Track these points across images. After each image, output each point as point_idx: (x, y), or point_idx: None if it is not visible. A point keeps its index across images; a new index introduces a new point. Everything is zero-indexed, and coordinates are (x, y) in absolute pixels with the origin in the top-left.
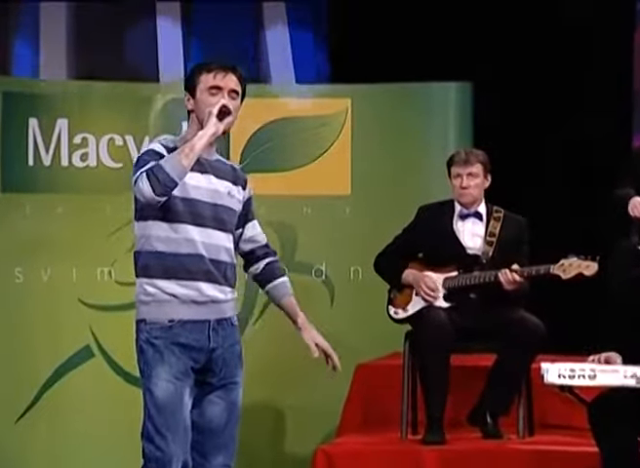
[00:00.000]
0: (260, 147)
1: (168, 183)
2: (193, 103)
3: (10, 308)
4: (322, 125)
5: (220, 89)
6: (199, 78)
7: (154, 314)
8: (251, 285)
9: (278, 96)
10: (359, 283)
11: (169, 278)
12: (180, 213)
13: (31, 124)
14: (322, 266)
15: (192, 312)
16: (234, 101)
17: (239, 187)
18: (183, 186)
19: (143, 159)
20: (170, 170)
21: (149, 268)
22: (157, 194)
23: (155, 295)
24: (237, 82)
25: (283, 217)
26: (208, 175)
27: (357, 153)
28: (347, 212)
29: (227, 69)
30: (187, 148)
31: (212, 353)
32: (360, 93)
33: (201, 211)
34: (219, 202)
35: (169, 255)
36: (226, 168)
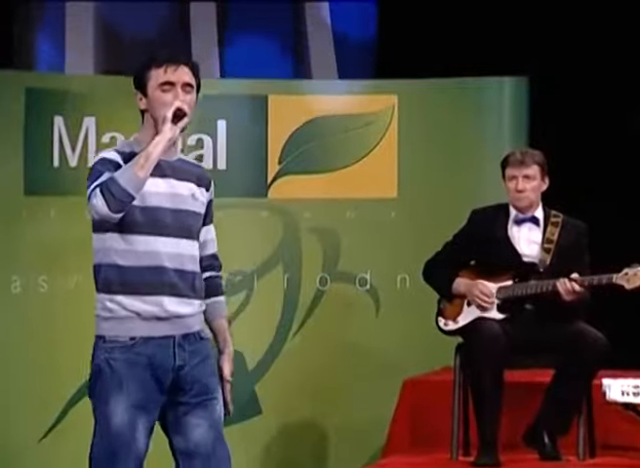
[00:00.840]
0: (301, 147)
1: (124, 198)
2: (146, 102)
3: (33, 319)
4: (367, 123)
5: (173, 84)
6: (149, 74)
7: (114, 331)
8: (290, 294)
9: (320, 92)
10: (406, 292)
11: (129, 293)
12: (138, 223)
13: (57, 122)
14: (366, 275)
15: (155, 328)
16: (189, 96)
17: (202, 189)
18: (142, 194)
19: (96, 170)
20: (125, 183)
21: (109, 283)
22: (112, 210)
23: (115, 311)
24: (191, 74)
25: (325, 222)
26: (168, 179)
27: (404, 153)
28: (394, 216)
29: (178, 62)
30: (142, 158)
31: (179, 371)
32: (407, 89)
33: (162, 218)
34: (181, 207)
35: (129, 269)
36: (189, 168)
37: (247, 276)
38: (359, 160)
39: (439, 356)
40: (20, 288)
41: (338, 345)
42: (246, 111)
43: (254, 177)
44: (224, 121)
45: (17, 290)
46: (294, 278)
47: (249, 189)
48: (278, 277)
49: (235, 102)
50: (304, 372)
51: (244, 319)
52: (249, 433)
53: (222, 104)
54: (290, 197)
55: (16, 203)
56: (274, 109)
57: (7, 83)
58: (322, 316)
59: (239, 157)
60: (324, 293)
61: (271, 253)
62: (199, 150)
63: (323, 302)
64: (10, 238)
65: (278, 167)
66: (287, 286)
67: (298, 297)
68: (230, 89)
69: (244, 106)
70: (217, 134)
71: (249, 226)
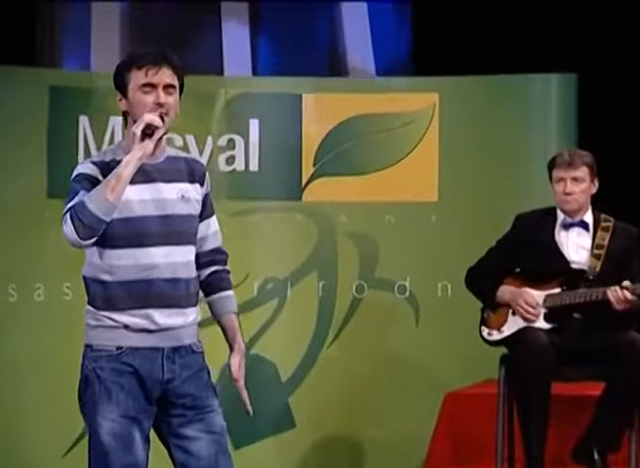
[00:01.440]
0: (337, 148)
1: (93, 224)
2: (126, 104)
3: (58, 329)
4: (406, 123)
5: (154, 86)
6: (129, 75)
7: (101, 339)
8: (325, 302)
9: (356, 90)
10: (448, 300)
11: (116, 309)
12: (123, 237)
13: (82, 122)
14: (406, 282)
15: (142, 340)
16: (171, 97)
17: (196, 185)
18: (125, 204)
19: (72, 187)
20: (94, 208)
21: (95, 298)
22: (82, 237)
23: (102, 321)
24: (172, 75)
25: (362, 227)
26: (154, 184)
27: (445, 154)
28: (434, 220)
29: (160, 63)
30: (113, 179)
31: (167, 384)
32: (449, 86)
33: (149, 228)
34: (169, 212)
35: (114, 285)
36: (178, 165)
37: (280, 283)
38: (398, 161)
39: (482, 368)
40: (43, 295)
41: (375, 356)
42: (279, 110)
43: (287, 180)
44: (257, 120)
45: (40, 297)
46: (329, 285)
47: (282, 192)
48: (313, 284)
49: (268, 101)
50: (340, 384)
51: (276, 328)
52: (282, 447)
53: (255, 103)
54: (325, 200)
55: (39, 206)
56: (309, 108)
57: (30, 81)
58: (359, 325)
59: (272, 158)
60: (361, 302)
61: (305, 258)
62: (230, 151)
63: (360, 311)
64: (33, 243)
65: (313, 168)
66: (322, 293)
67: (333, 306)
68: (263, 87)
69: (277, 105)
70: (249, 134)
71: (282, 230)
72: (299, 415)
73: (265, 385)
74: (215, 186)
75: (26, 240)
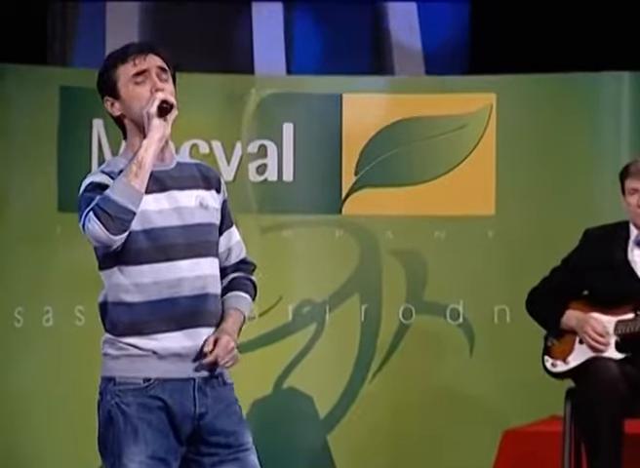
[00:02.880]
0: (381, 156)
1: (123, 215)
2: (120, 105)
3: (69, 358)
4: (459, 127)
5: (146, 72)
6: (116, 73)
7: (126, 371)
8: (368, 328)
9: (404, 90)
10: (506, 327)
11: (142, 334)
12: (144, 251)
13: (96, 126)
14: (459, 306)
15: (173, 368)
16: (167, 84)
17: (212, 191)
18: (143, 215)
19: (85, 197)
20: (119, 198)
21: (118, 324)
22: (113, 232)
23: (126, 350)
24: (162, 61)
25: (409, 244)
26: (170, 192)
27: (503, 162)
28: (491, 236)
29: (145, 50)
30: (134, 165)
31: (200, 419)
32: (508, 86)
33: (171, 240)
34: (190, 221)
35: (140, 306)
36: (191, 171)
37: (317, 307)
38: (450, 170)
39: (545, 403)
40: (52, 320)
41: (425, 389)
42: (317, 113)
43: (325, 191)
44: (291, 124)
45: (49, 322)
46: (372, 309)
47: (320, 205)
48: (354, 308)
49: (304, 102)
50: (385, 421)
51: (313, 357)
52: None
53: (289, 105)
54: (368, 214)
55: (48, 221)
56: (350, 110)
57: (39, 81)
58: (406, 354)
59: (308, 167)
60: (408, 328)
61: (346, 279)
62: (262, 159)
63: (407, 338)
64: (42, 262)
65: (354, 178)
66: (364, 318)
67: (377, 332)
68: (298, 86)
69: (314, 107)
70: (282, 139)
71: (319, 248)
72: (338, 456)
73: (301, 422)
74: (244, 199)
75: (34, 258)
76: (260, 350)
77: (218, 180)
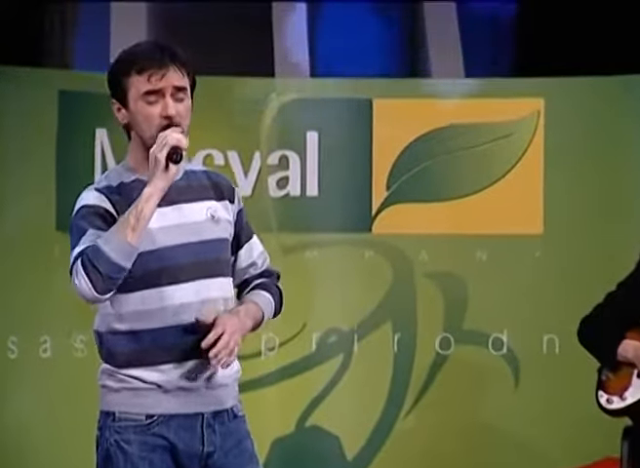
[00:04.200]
0: (416, 168)
1: (114, 274)
2: (127, 115)
3: (68, 392)
4: (503, 135)
5: (160, 93)
6: (128, 81)
7: (126, 406)
8: (401, 360)
9: (441, 95)
10: (555, 358)
11: (145, 365)
12: (145, 275)
13: (99, 136)
14: (502, 335)
15: (180, 403)
16: (181, 104)
17: (225, 201)
18: (146, 234)
19: (77, 227)
20: (113, 255)
21: (117, 355)
22: (100, 291)
23: (127, 382)
24: (181, 75)
25: (447, 266)
26: (177, 206)
27: (553, 174)
28: (538, 257)
29: (166, 65)
30: (132, 217)
31: (207, 459)
32: (557, 89)
33: (175, 261)
34: (198, 238)
35: (141, 335)
36: (200, 180)
37: (344, 336)
38: (493, 184)
39: (600, 443)
40: (50, 351)
41: (464, 427)
42: (344, 120)
43: (354, 207)
44: (316, 133)
45: (47, 353)
46: (406, 339)
47: (347, 222)
48: (385, 337)
49: (330, 108)
50: (420, 463)
51: (340, 392)
52: None
53: (313, 111)
54: (401, 232)
55: (46, 241)
56: (381, 117)
57: (36, 85)
58: (443, 389)
59: (335, 180)
60: (446, 360)
61: (376, 305)
62: (283, 171)
63: (445, 371)
64: (38, 286)
65: (386, 193)
66: (397, 349)
67: (411, 365)
68: (324, 91)
69: (341, 113)
70: (306, 150)
71: (347, 270)
72: None
73: (326, 464)
74: (263, 216)
75: (30, 282)
76: (280, 384)
77: (231, 189)
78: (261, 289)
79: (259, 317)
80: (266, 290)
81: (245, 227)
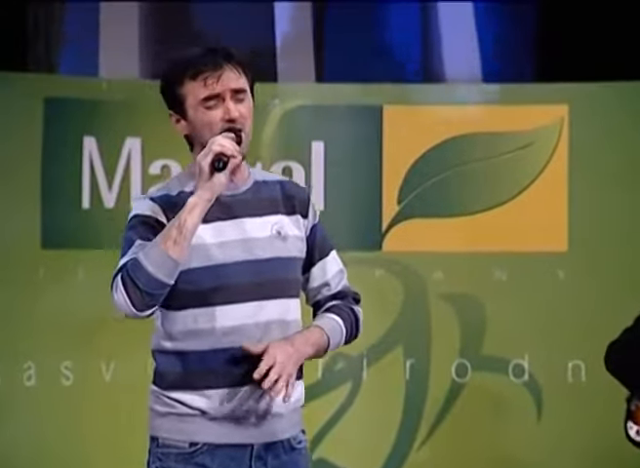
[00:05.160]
0: (429, 180)
1: (152, 290)
2: (187, 126)
3: (53, 422)
4: (524, 145)
5: (219, 96)
6: (183, 90)
7: (170, 432)
8: (414, 388)
9: (457, 101)
10: (581, 386)
11: (193, 388)
12: (199, 291)
13: (87, 145)
14: (523, 361)
15: (226, 432)
16: (242, 105)
17: (296, 216)
18: (200, 249)
19: (127, 238)
20: (153, 269)
21: (165, 376)
22: (138, 309)
23: (173, 406)
24: (239, 76)
25: (463, 287)
26: (237, 220)
27: (578, 187)
28: (562, 277)
29: (219, 66)
30: (175, 230)
31: None
32: (582, 95)
33: (233, 279)
34: (261, 256)
35: (189, 356)
36: (271, 192)
37: (352, 362)
38: (513, 197)
39: None
40: (35, 378)
41: (482, 460)
42: (352, 128)
43: (363, 223)
44: (321, 142)
45: (31, 381)
46: (420, 365)
47: (356, 239)
48: (397, 363)
49: (337, 116)
50: None
51: (349, 423)
52: None
53: (319, 119)
54: (413, 250)
55: (30, 260)
56: (392, 125)
57: (20, 91)
58: (460, 419)
59: (342, 194)
60: (463, 388)
61: (387, 328)
62: None
63: (461, 400)
64: (22, 308)
65: (397, 207)
66: (410, 376)
67: (426, 393)
68: (330, 97)
69: (349, 121)
70: (310, 160)
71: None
72: None
73: None
74: None
75: (13, 304)
76: None
77: (305, 202)
78: (332, 312)
79: (322, 343)
80: (337, 313)
81: (319, 244)
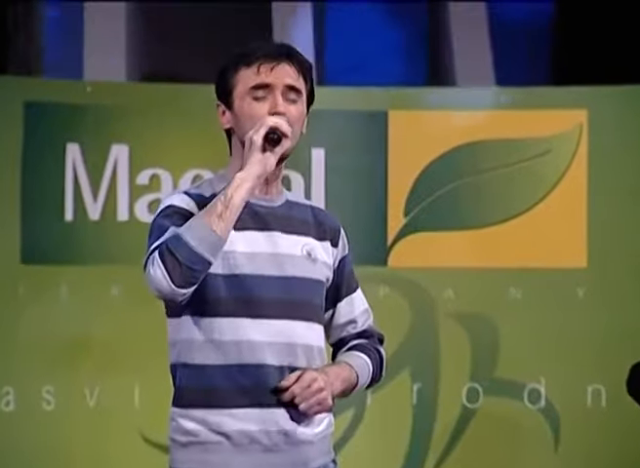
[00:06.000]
0: (438, 191)
1: (194, 265)
2: (231, 118)
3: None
4: (540, 153)
5: (270, 88)
6: (235, 77)
7: (193, 462)
8: (422, 414)
9: (468, 106)
10: (601, 412)
11: (215, 406)
12: (225, 300)
13: (70, 153)
14: (540, 385)
15: (253, 462)
16: (294, 106)
17: (326, 242)
18: (228, 257)
19: (158, 225)
20: (195, 242)
21: (185, 392)
22: (177, 284)
23: (196, 434)
24: (295, 74)
25: (475, 305)
26: (271, 233)
27: (598, 198)
28: (582, 295)
29: (278, 57)
30: (220, 204)
31: None
32: (603, 100)
33: (262, 293)
34: (291, 273)
35: (213, 370)
36: (303, 214)
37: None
38: (528, 209)
39: None
40: (14, 404)
41: None
42: (355, 135)
43: (366, 236)
44: (322, 150)
45: (9, 407)
46: (428, 389)
47: (359, 254)
48: (404, 388)
49: (339, 122)
50: None
51: (352, 452)
52: None
53: (320, 125)
54: (421, 266)
55: (9, 276)
56: (398, 132)
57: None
58: (471, 447)
59: (344, 205)
60: (474, 414)
61: (393, 351)
62: None
63: (472, 427)
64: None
65: (404, 220)
66: (417, 401)
67: (434, 419)
68: (332, 102)
69: (352, 127)
70: (310, 169)
71: None
72: None
73: None
74: None
75: None
76: None
77: (336, 231)
78: (359, 350)
79: (352, 380)
80: (364, 352)
81: (348, 278)
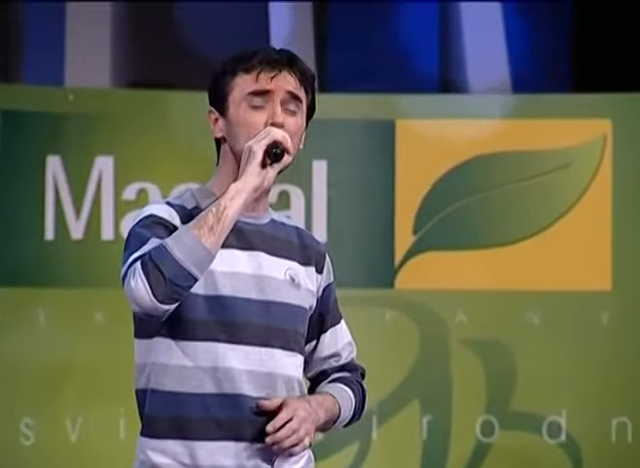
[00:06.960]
0: (450, 207)
1: (179, 281)
2: (223, 126)
3: None
4: (560, 166)
5: (269, 94)
6: (232, 82)
7: None
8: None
9: (482, 115)
10: (627, 447)
11: (187, 438)
12: (203, 322)
13: (51, 165)
14: (560, 418)
15: None
16: (293, 118)
17: (310, 268)
18: (209, 276)
19: (137, 235)
20: (182, 256)
21: (154, 421)
22: (161, 299)
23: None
24: (297, 83)
25: (490, 331)
26: (255, 253)
27: (623, 215)
28: (606, 320)
29: (279, 64)
30: (212, 216)
31: None
32: (628, 108)
33: (243, 317)
34: (275, 298)
35: (186, 399)
36: (289, 235)
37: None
38: (547, 227)
39: None
40: None
41: None
42: (359, 146)
43: (372, 255)
44: (324, 162)
45: None
46: (439, 422)
47: (364, 275)
48: (413, 420)
49: (342, 132)
50: None
51: None
52: None
53: (320, 135)
54: (431, 288)
55: None
56: (406, 143)
57: None
58: None
59: (348, 222)
60: (489, 449)
61: (402, 380)
62: (283, 210)
63: (488, 463)
64: None
65: (412, 238)
66: (427, 435)
67: (446, 455)
68: (334, 110)
69: (356, 138)
70: (311, 183)
71: (364, 335)
72: None
73: None
74: None
75: None
76: None
77: (321, 256)
78: (343, 383)
79: (334, 412)
80: (348, 386)
81: (332, 308)
